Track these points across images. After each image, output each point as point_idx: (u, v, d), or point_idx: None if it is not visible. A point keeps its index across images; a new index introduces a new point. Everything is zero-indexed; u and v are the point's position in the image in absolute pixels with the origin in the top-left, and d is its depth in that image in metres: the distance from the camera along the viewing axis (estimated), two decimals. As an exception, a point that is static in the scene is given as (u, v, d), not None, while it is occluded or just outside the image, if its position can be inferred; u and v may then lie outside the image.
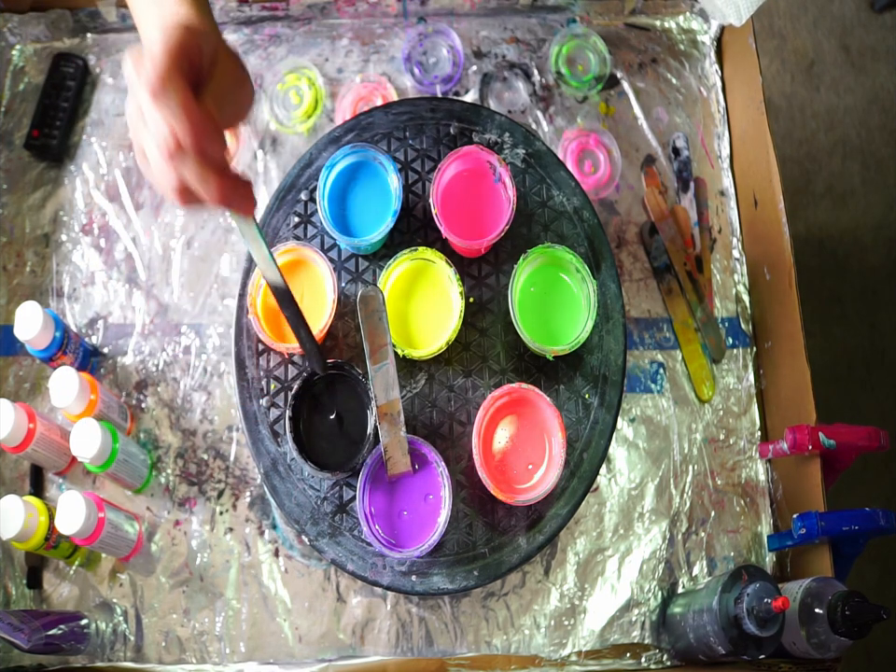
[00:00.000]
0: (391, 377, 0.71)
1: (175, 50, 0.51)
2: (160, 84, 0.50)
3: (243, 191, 0.55)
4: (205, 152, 0.52)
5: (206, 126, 0.51)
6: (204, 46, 0.54)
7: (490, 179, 0.82)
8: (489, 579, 0.76)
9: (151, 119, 0.51)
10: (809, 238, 1.70)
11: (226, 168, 0.54)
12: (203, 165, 0.52)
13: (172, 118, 0.50)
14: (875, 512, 0.78)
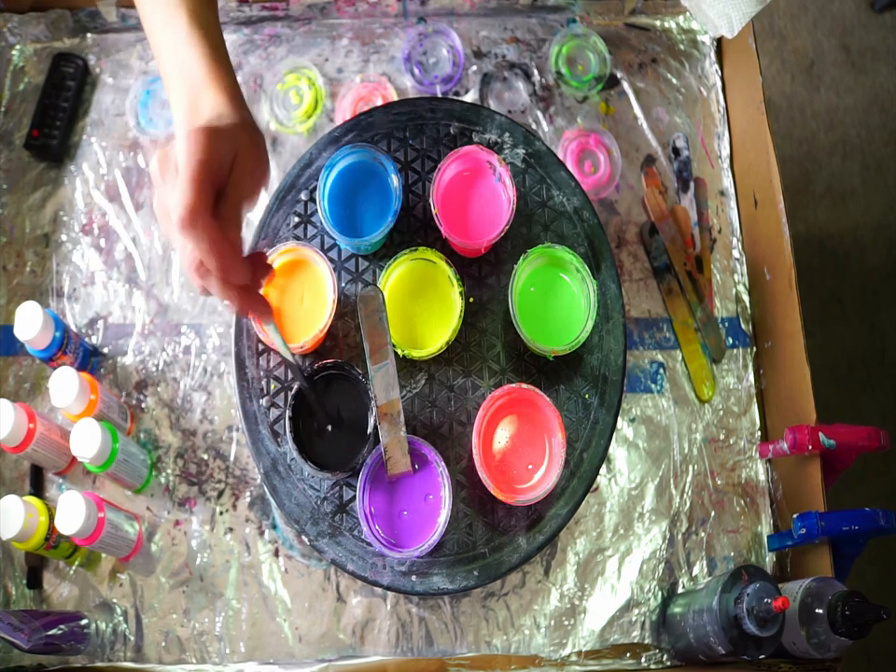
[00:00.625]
0: (391, 377, 0.71)
1: (198, 173, 0.56)
2: (188, 218, 0.55)
3: (261, 307, 0.63)
4: (228, 277, 0.58)
5: (231, 259, 0.57)
6: (225, 148, 0.59)
7: (490, 179, 0.82)
8: (489, 579, 0.76)
9: (180, 245, 0.58)
10: (809, 238, 1.70)
11: (247, 287, 0.60)
12: (225, 286, 0.59)
13: (200, 251, 0.56)
14: (874, 512, 0.78)
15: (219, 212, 0.58)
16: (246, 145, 0.61)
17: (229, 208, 0.59)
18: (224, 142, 0.59)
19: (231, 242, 0.58)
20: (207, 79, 0.63)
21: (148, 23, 0.67)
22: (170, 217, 0.57)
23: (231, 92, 0.63)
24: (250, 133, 0.62)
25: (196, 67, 0.63)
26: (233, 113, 0.62)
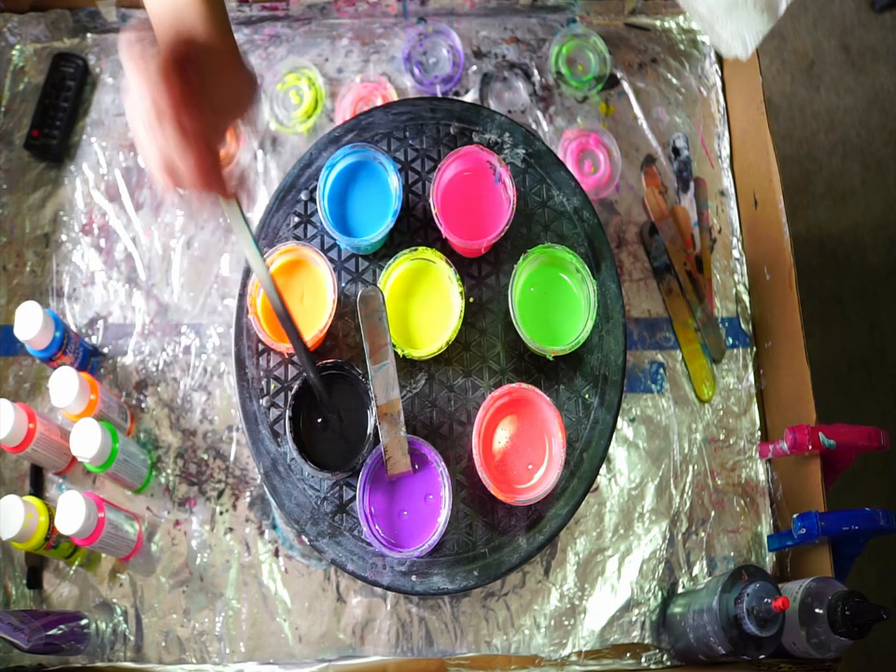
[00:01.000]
0: (391, 377, 0.71)
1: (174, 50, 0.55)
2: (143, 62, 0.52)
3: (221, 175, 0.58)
4: (184, 123, 0.53)
5: (186, 97, 0.53)
6: (206, 58, 0.57)
7: (490, 179, 0.82)
8: (489, 579, 0.76)
9: (134, 92, 0.53)
10: (809, 238, 1.70)
11: (209, 147, 0.55)
12: (181, 136, 0.53)
13: (149, 85, 0.52)
14: (874, 512, 0.78)
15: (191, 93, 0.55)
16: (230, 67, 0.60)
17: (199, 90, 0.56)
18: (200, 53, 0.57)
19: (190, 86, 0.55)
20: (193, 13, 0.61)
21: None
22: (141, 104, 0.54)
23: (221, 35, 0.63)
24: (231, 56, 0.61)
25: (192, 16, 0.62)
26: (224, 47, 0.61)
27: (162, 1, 0.63)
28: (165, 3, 0.63)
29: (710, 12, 0.61)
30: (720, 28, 0.61)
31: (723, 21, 0.61)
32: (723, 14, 0.61)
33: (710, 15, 0.61)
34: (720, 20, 0.61)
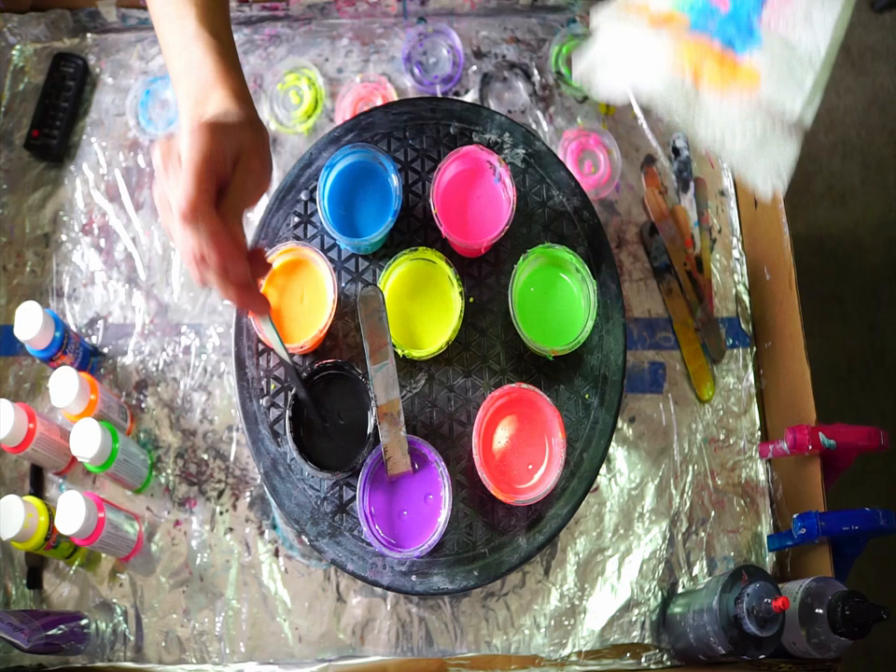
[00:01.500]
0: (391, 377, 0.71)
1: (202, 167, 0.56)
2: (190, 211, 0.56)
3: (258, 304, 0.63)
4: (228, 272, 0.58)
5: (231, 252, 0.57)
6: (229, 143, 0.59)
7: (490, 179, 0.82)
8: (489, 579, 0.76)
9: (180, 237, 0.57)
10: (809, 238, 1.70)
11: (245, 282, 0.60)
12: (224, 280, 0.58)
13: (201, 244, 0.56)
14: (874, 512, 0.78)
15: (221, 208, 0.58)
16: (251, 143, 0.61)
17: (230, 204, 0.59)
18: (228, 137, 0.59)
19: (233, 237, 0.58)
20: (214, 76, 0.63)
21: (157, 20, 0.67)
22: (171, 209, 0.57)
23: (237, 90, 0.63)
24: (255, 132, 0.63)
25: (204, 65, 0.63)
26: (239, 111, 0.62)
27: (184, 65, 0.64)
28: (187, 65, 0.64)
29: (744, 151, 0.62)
30: (755, 165, 0.63)
31: (757, 156, 0.62)
32: (756, 150, 0.62)
33: (745, 154, 0.62)
34: (754, 156, 0.62)
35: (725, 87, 0.62)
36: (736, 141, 0.62)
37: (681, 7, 0.65)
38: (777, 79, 0.61)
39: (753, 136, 0.62)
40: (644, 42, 0.64)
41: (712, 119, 0.62)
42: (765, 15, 0.63)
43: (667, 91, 0.62)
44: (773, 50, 0.62)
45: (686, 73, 0.62)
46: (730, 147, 0.62)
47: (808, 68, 0.61)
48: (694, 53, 0.62)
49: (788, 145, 0.62)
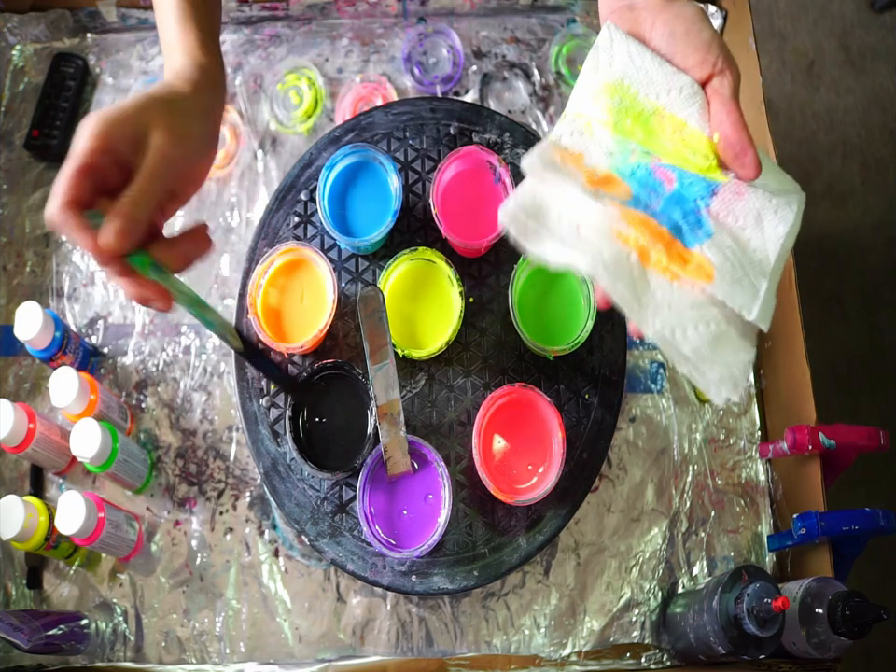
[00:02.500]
0: (391, 377, 0.71)
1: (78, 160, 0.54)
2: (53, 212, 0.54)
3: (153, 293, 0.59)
4: (107, 267, 0.56)
5: (100, 254, 0.55)
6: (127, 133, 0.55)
7: (490, 179, 0.82)
8: (489, 579, 0.76)
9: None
10: (809, 238, 1.70)
11: (132, 275, 0.57)
12: (111, 275, 0.57)
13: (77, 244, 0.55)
14: (874, 512, 0.78)
15: (120, 197, 0.55)
16: (160, 121, 0.57)
17: (128, 195, 0.55)
18: (125, 127, 0.55)
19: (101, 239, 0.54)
20: (175, 46, 0.62)
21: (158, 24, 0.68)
22: None
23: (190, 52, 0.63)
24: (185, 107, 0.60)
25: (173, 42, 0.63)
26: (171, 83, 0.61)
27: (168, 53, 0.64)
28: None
29: (695, 353, 0.54)
30: (707, 369, 0.55)
31: (711, 361, 0.55)
32: (709, 352, 0.55)
33: (696, 356, 0.54)
34: (706, 360, 0.55)
35: (676, 275, 0.55)
36: (687, 338, 0.54)
37: (621, 173, 0.57)
38: (731, 280, 0.55)
39: (707, 335, 0.55)
40: (582, 203, 0.55)
41: (661, 308, 0.54)
42: (714, 206, 0.57)
43: (611, 266, 0.53)
44: (724, 247, 0.56)
45: (632, 250, 0.54)
46: (680, 343, 0.54)
47: (759, 274, 0.56)
48: (641, 228, 0.55)
49: (743, 349, 0.56)
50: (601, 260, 0.53)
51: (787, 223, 0.57)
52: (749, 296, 0.55)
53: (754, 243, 0.57)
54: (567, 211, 0.56)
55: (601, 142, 0.58)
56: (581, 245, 0.54)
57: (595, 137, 0.59)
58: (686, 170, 0.58)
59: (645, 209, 0.56)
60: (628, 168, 0.58)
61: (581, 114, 0.59)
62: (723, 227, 0.57)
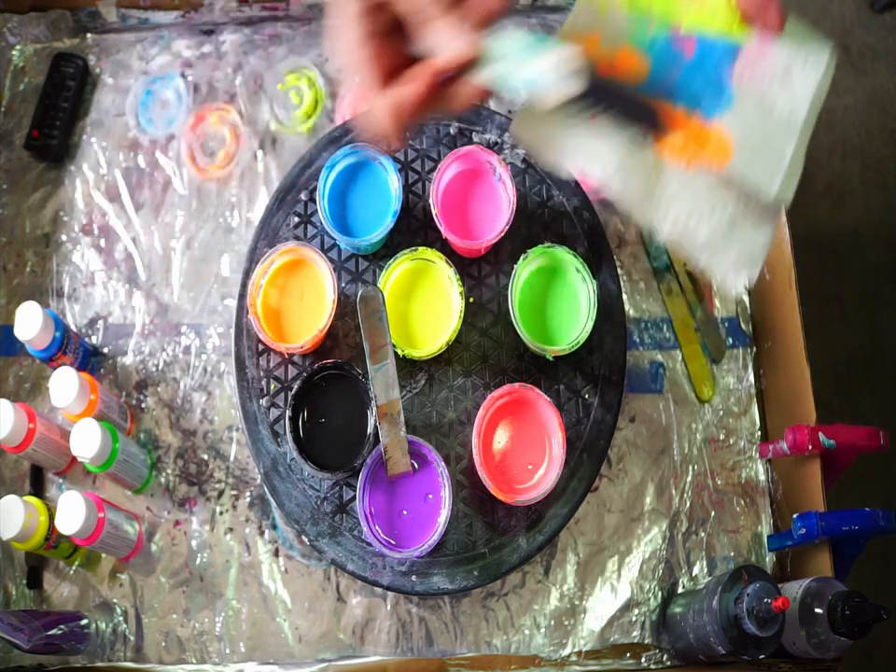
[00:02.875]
0: (391, 377, 0.71)
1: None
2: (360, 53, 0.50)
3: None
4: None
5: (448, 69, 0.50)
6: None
7: (490, 179, 0.82)
8: (489, 579, 0.76)
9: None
10: (809, 238, 1.70)
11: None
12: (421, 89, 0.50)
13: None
14: (875, 512, 0.78)
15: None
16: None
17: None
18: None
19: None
20: None
21: None
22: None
23: None
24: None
25: None
26: None
27: None
28: None
29: (711, 239, 0.54)
30: (722, 254, 0.54)
31: (727, 245, 0.54)
32: (725, 235, 0.54)
33: (712, 242, 0.54)
34: (721, 245, 0.54)
35: (692, 158, 0.54)
36: (702, 225, 0.54)
37: (639, 45, 0.56)
38: (752, 150, 0.54)
39: (722, 220, 0.54)
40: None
41: (675, 198, 0.54)
42: (738, 69, 0.55)
43: (626, 162, 0.53)
44: (746, 114, 0.54)
45: (647, 132, 0.53)
46: (694, 232, 0.54)
47: (786, 137, 0.54)
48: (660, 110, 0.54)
49: (762, 229, 0.55)
50: (614, 158, 0.53)
51: (817, 74, 0.55)
52: (771, 170, 0.54)
53: (781, 103, 0.55)
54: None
55: (617, 20, 0.57)
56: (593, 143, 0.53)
57: (610, 17, 0.57)
58: (706, 34, 0.56)
59: (663, 86, 0.55)
60: (646, 40, 0.56)
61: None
62: (746, 92, 0.55)
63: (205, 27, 1.06)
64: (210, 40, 1.05)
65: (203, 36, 1.06)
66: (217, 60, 1.04)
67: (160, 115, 1.02)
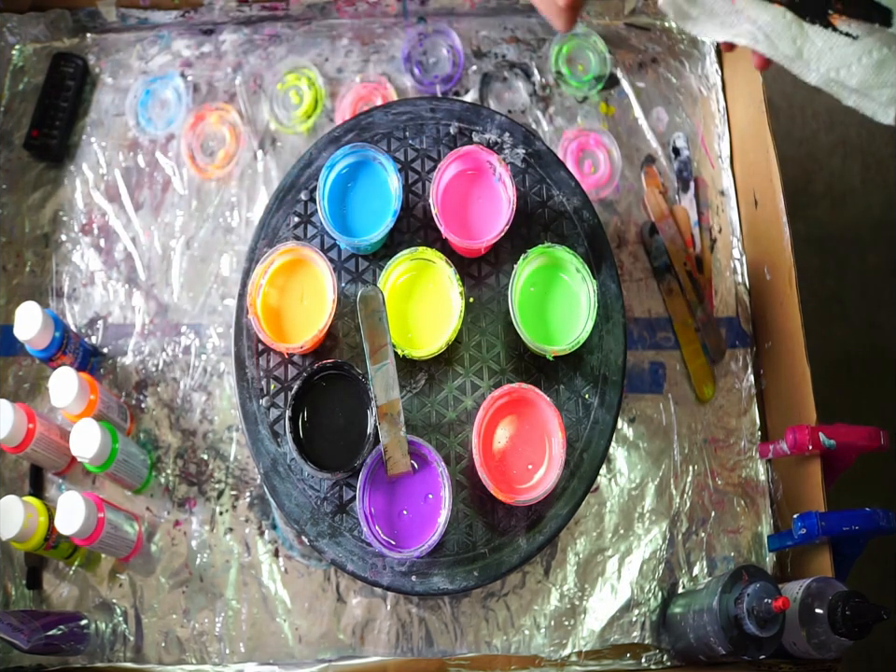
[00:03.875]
0: (391, 377, 0.71)
1: None
2: None
3: None
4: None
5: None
6: None
7: (490, 179, 0.82)
8: (489, 579, 0.76)
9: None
10: (809, 238, 1.70)
11: None
12: None
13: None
14: (875, 512, 0.78)
15: None
16: None
17: None
18: None
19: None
20: None
21: None
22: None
23: None
24: None
25: None
26: None
27: None
28: None
29: (862, 83, 0.60)
30: (876, 94, 0.60)
31: (879, 85, 0.60)
32: (875, 78, 0.59)
33: (863, 86, 0.60)
34: (874, 86, 0.60)
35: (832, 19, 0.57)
36: (852, 73, 0.58)
37: None
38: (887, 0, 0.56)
39: (870, 64, 0.58)
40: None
41: (823, 53, 0.58)
42: None
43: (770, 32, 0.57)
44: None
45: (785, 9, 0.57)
46: (846, 79, 0.59)
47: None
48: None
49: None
50: (760, 28, 0.57)
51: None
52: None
53: None
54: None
55: None
56: (738, 19, 0.58)
57: None
58: None
59: None
60: None
61: None
62: None
63: (205, 27, 1.06)
64: (210, 40, 1.05)
65: (203, 36, 1.06)
66: (217, 59, 1.04)
67: (159, 115, 1.02)
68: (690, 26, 0.61)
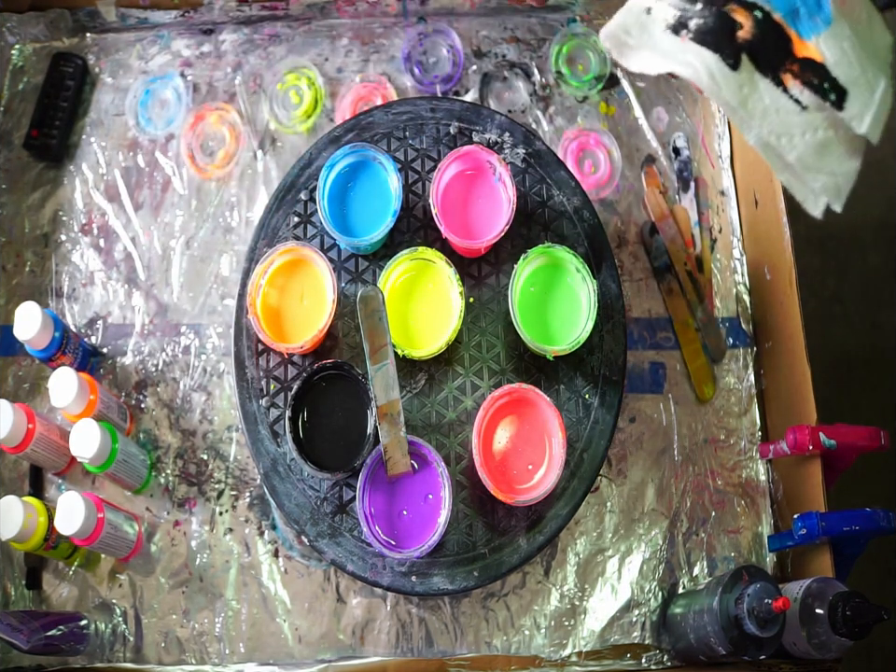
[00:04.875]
0: (391, 377, 0.71)
1: None
2: None
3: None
4: None
5: None
6: None
7: (490, 179, 0.82)
8: (489, 579, 0.76)
9: None
10: (809, 238, 1.70)
11: None
12: None
13: None
14: (875, 513, 0.78)
15: None
16: None
17: None
18: None
19: None
20: None
21: None
22: None
23: None
24: None
25: None
26: None
27: None
28: None
29: (800, 161, 0.54)
30: (810, 178, 0.54)
31: (815, 169, 0.54)
32: (814, 160, 0.54)
33: (800, 164, 0.54)
34: (810, 168, 0.54)
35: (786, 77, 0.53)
36: (793, 146, 0.53)
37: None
38: (845, 79, 0.52)
39: (813, 142, 0.53)
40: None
41: (769, 113, 0.53)
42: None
43: (716, 72, 0.52)
44: (842, 39, 0.52)
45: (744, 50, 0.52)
46: (785, 151, 0.53)
47: (878, 71, 0.52)
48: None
49: (849, 158, 0.54)
50: (706, 67, 0.52)
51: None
52: (863, 101, 0.52)
53: (879, 26, 0.53)
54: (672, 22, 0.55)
55: None
56: (684, 55, 0.53)
57: None
58: None
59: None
60: None
61: None
62: (845, 12, 0.52)
63: (205, 26, 1.06)
64: (209, 40, 1.05)
65: (203, 36, 1.06)
66: (217, 59, 1.04)
67: (159, 114, 1.02)
68: (633, 62, 0.56)
